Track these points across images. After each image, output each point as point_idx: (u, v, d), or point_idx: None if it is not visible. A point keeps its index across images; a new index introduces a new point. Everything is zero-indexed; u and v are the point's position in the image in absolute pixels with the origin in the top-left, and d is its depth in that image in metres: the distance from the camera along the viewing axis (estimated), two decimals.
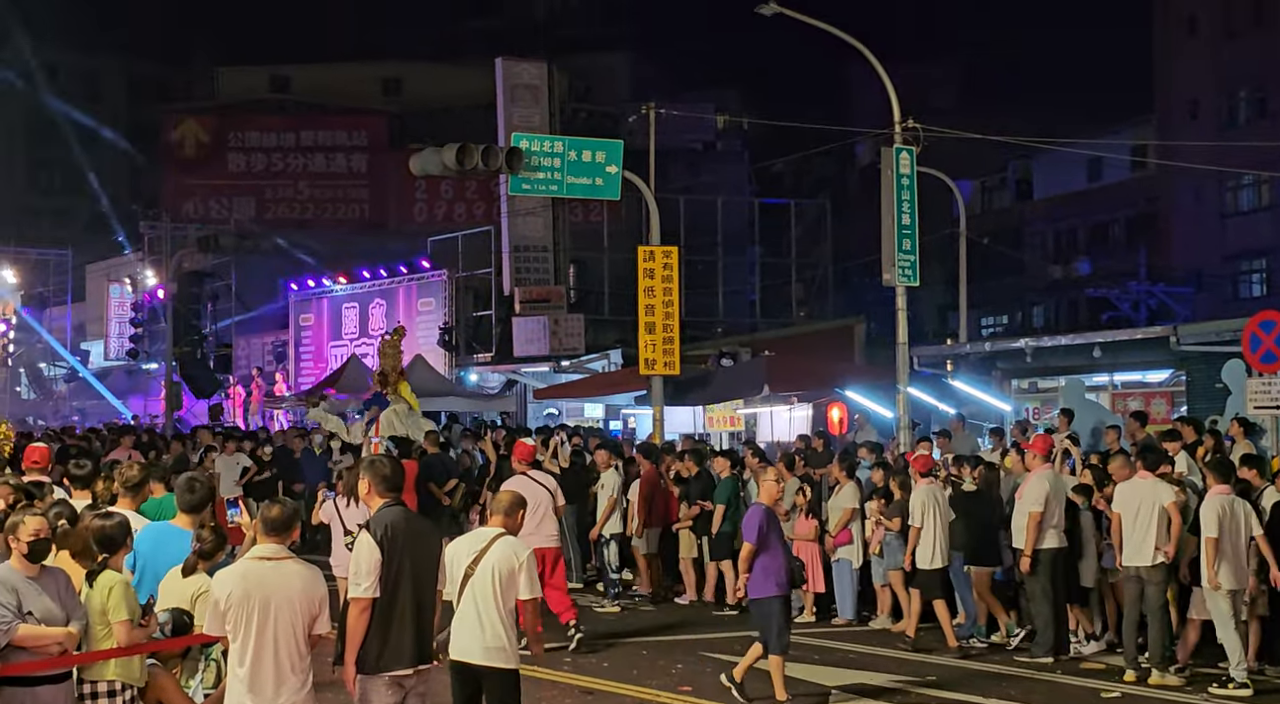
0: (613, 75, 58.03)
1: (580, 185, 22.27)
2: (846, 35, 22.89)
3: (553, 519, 14.70)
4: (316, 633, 7.66)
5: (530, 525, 13.91)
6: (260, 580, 7.55)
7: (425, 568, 8.12)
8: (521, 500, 9.13)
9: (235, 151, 57.27)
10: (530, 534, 13.87)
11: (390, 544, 7.95)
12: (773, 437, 26.66)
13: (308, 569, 7.76)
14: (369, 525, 8.07)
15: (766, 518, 11.94)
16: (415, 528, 8.24)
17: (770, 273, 45.30)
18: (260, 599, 7.51)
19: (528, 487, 14.14)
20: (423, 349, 35.93)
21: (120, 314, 48.39)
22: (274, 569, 7.61)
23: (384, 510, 8.15)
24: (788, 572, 12.01)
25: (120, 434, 26.38)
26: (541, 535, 14.24)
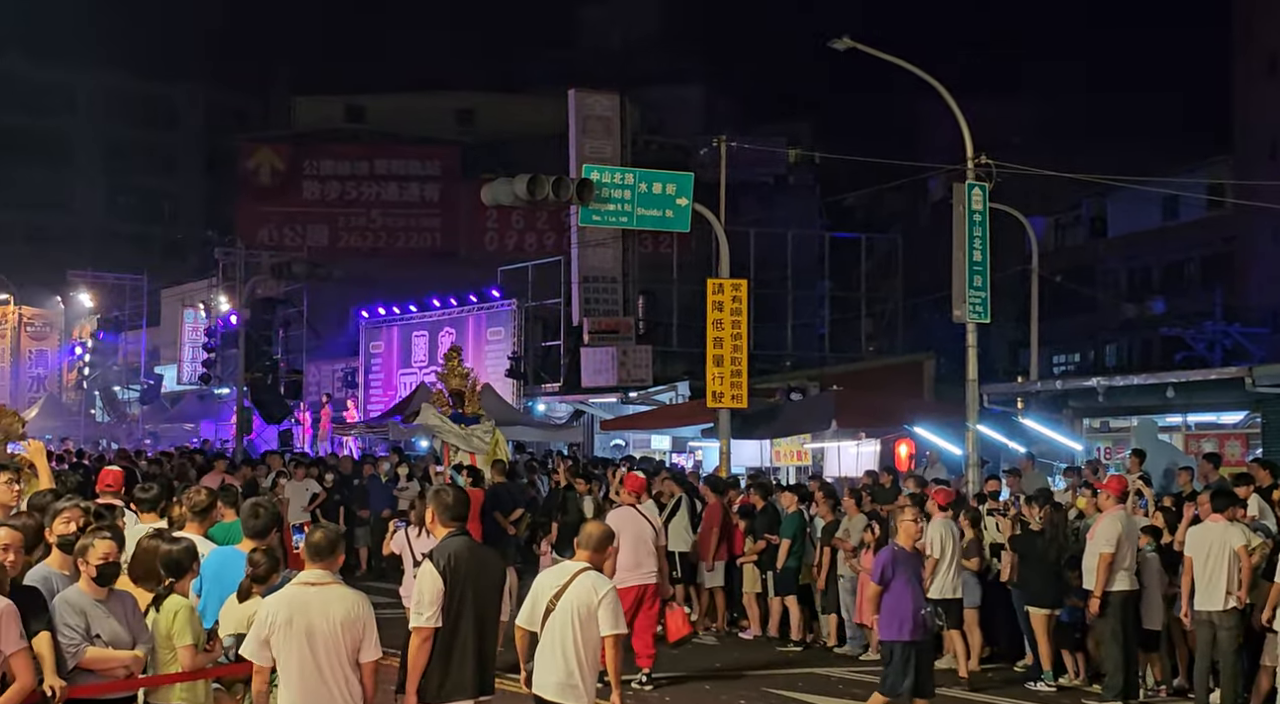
0: (685, 108, 58.18)
1: (650, 217, 22.26)
2: (920, 70, 22.79)
3: (653, 555, 14.24)
4: (371, 659, 7.62)
5: (631, 560, 13.83)
6: (304, 605, 7.54)
7: (488, 598, 8.11)
8: (611, 536, 9.02)
9: (310, 179, 57.86)
10: (631, 570, 13.78)
11: (453, 574, 7.94)
12: (840, 472, 26.50)
13: (352, 594, 7.73)
14: (432, 555, 8.06)
15: (895, 559, 11.60)
16: (479, 558, 8.22)
17: (840, 307, 45.12)
18: (303, 623, 7.50)
19: (634, 520, 14.00)
20: (491, 378, 36.01)
21: (194, 339, 48.88)
22: (318, 594, 7.59)
23: (447, 540, 8.15)
24: (917, 617, 11.54)
25: (215, 458, 26.62)
26: (642, 571, 13.94)
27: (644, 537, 14.06)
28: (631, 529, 13.94)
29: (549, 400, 36.85)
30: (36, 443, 11.88)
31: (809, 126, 58.53)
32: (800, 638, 17.19)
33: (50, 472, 10.99)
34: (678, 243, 39.54)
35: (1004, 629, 15.65)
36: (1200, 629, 13.03)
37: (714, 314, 23.07)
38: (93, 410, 55.72)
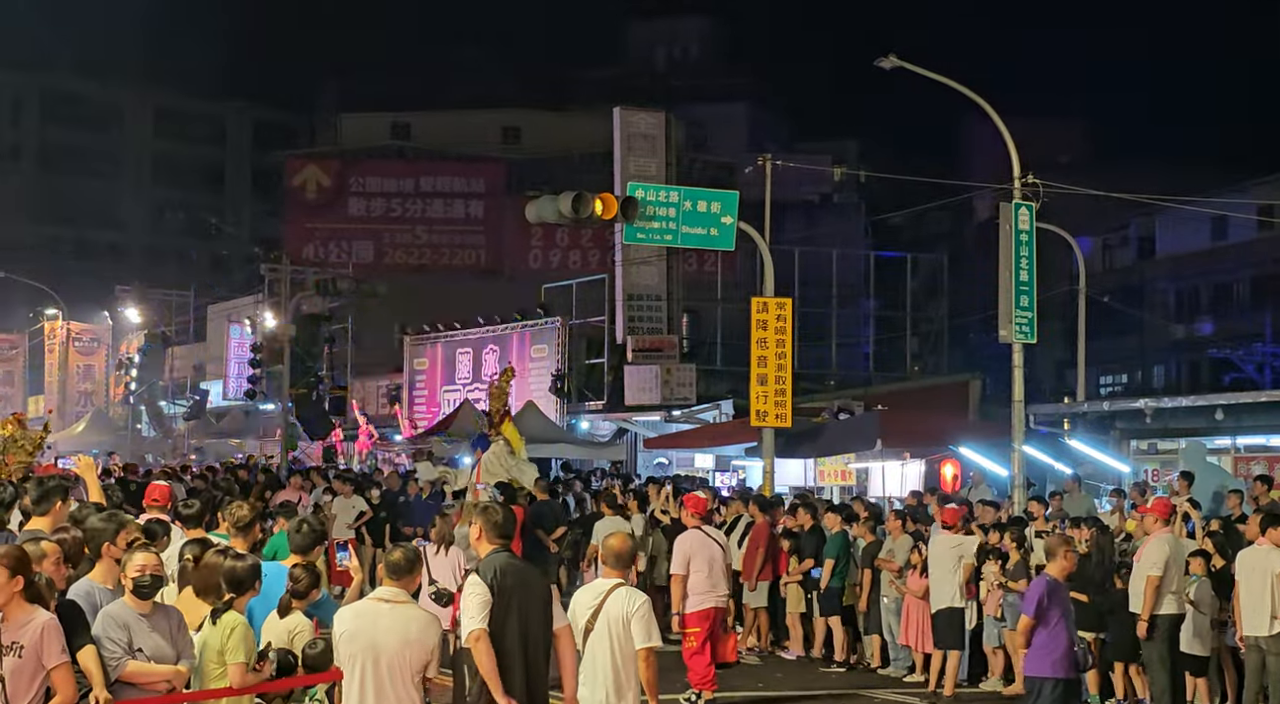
0: (730, 126, 58.21)
1: (695, 235, 22.23)
2: (966, 89, 22.69)
3: (725, 577, 14.00)
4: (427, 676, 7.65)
5: (707, 583, 13.68)
6: (374, 621, 7.61)
7: (534, 613, 8.08)
8: (634, 549, 9.00)
9: (355, 196, 58.15)
10: (707, 592, 13.64)
11: (500, 589, 7.93)
12: (884, 492, 26.34)
13: (423, 614, 7.78)
14: (479, 570, 8.04)
15: (1050, 591, 11.01)
16: (523, 574, 8.21)
17: (885, 326, 44.99)
18: (369, 639, 7.54)
19: (704, 543, 13.87)
20: (534, 396, 36.04)
21: (239, 355, 49.12)
22: (389, 611, 7.65)
23: (493, 556, 8.14)
24: (1071, 653, 10.96)
25: (292, 474, 26.73)
26: (715, 594, 13.72)
27: (716, 558, 13.85)
28: (704, 551, 13.81)
29: (592, 418, 36.82)
30: (86, 458, 11.97)
31: (855, 145, 58.52)
32: (844, 659, 17.08)
33: (99, 486, 11.03)
34: (722, 261, 39.54)
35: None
36: (1250, 654, 12.88)
37: (758, 333, 23.01)
38: (139, 425, 56.04)
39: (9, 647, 7.09)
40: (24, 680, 7.05)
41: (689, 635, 13.76)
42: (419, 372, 43.08)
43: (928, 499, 20.40)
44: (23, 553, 7.32)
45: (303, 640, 8.24)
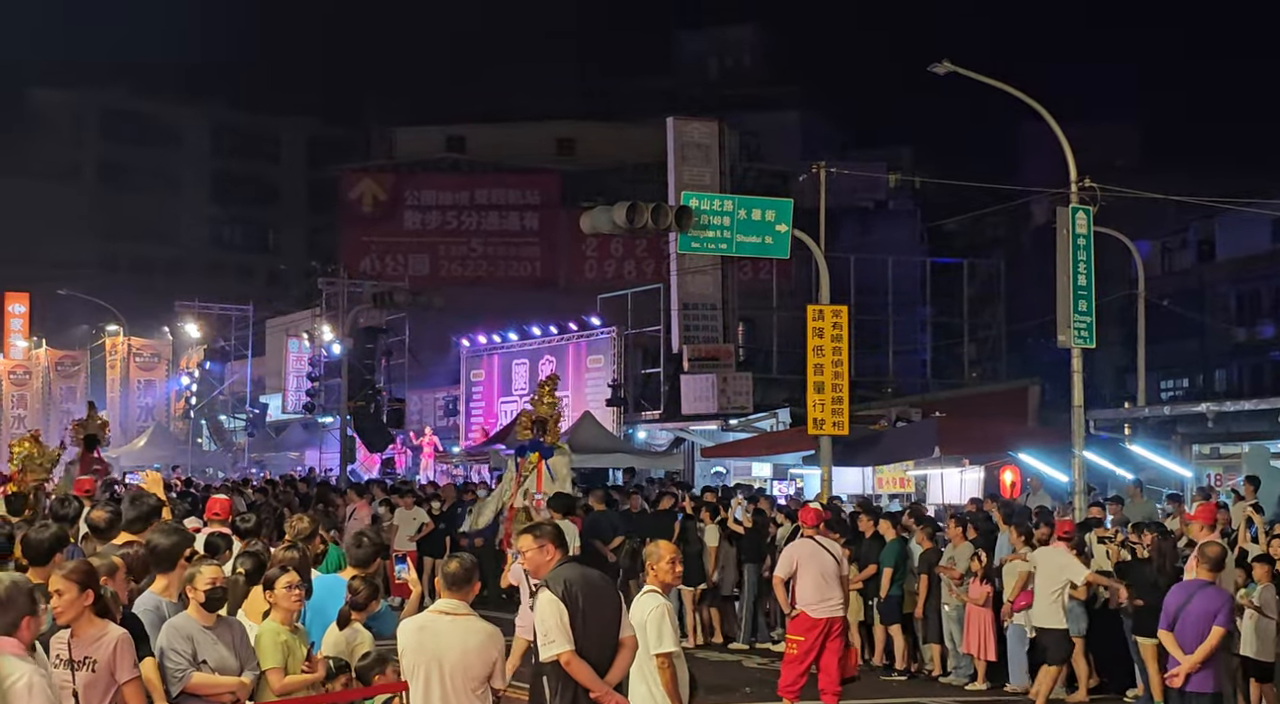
0: (784, 134, 58.14)
1: (750, 244, 22.20)
2: (1022, 94, 22.59)
3: (839, 588, 13.82)
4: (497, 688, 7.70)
5: (815, 594, 13.58)
6: (436, 633, 7.63)
7: (605, 622, 8.06)
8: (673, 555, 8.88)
9: (411, 210, 58.48)
10: (815, 603, 13.54)
11: (570, 600, 7.93)
12: (943, 499, 26.20)
13: (485, 626, 7.79)
14: (548, 583, 8.05)
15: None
16: (593, 583, 8.18)
17: (942, 333, 44.75)
18: (432, 651, 7.57)
19: (813, 552, 13.77)
20: (591, 406, 36.09)
21: (298, 368, 49.48)
22: (451, 624, 7.67)
23: (560, 567, 8.14)
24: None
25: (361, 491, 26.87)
26: (828, 604, 13.59)
27: (827, 569, 13.71)
28: (814, 561, 13.73)
29: (649, 428, 36.82)
30: (154, 473, 12.12)
31: (909, 151, 58.30)
32: (905, 667, 17.01)
33: (167, 500, 11.15)
34: (777, 269, 39.42)
35: (1115, 659, 15.36)
36: None
37: (814, 341, 22.94)
38: (199, 439, 56.54)
39: (81, 661, 7.15)
40: (96, 695, 7.12)
41: (790, 642, 13.78)
42: (476, 383, 43.24)
43: (988, 506, 20.28)
44: (91, 568, 7.40)
45: (362, 653, 8.30)
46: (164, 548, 8.51)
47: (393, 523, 23.66)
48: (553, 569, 8.15)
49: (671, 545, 8.96)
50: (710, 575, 19.56)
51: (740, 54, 72.80)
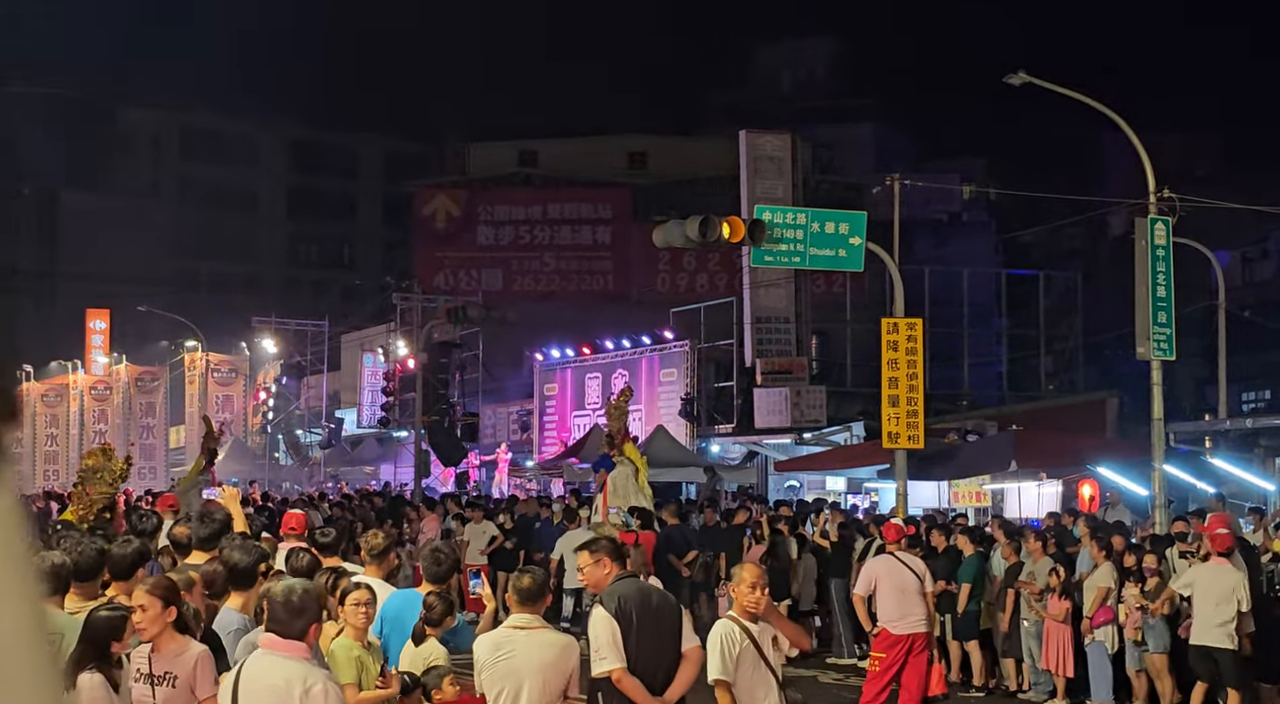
0: (857, 146, 57.95)
1: (823, 257, 22.09)
2: (1098, 103, 22.37)
3: (921, 603, 13.73)
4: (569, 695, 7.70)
5: (896, 611, 13.52)
6: (512, 649, 7.64)
7: (663, 638, 8.01)
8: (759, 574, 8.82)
9: (484, 225, 58.75)
10: (896, 620, 13.47)
11: (623, 616, 7.89)
12: (1020, 513, 25.96)
13: (560, 638, 7.83)
14: (602, 599, 8.02)
15: None
16: (649, 599, 8.14)
17: (1018, 345, 44.34)
18: (509, 666, 7.59)
19: (892, 569, 13.74)
20: (664, 419, 36.07)
21: (373, 383, 49.78)
22: (527, 638, 7.68)
23: (616, 583, 8.10)
24: None
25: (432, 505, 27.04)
26: (909, 621, 13.52)
27: (908, 585, 13.66)
28: (893, 577, 13.68)
29: (722, 441, 36.76)
30: (230, 489, 12.20)
31: (984, 162, 57.92)
32: (983, 683, 16.84)
33: (243, 516, 11.23)
34: (851, 282, 39.25)
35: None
36: None
37: (889, 354, 22.80)
38: (276, 454, 57.03)
39: (161, 677, 7.20)
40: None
41: (872, 659, 13.73)
42: (549, 397, 43.34)
43: (1067, 520, 20.07)
44: (173, 583, 7.46)
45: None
46: (243, 565, 8.56)
47: (463, 537, 23.75)
48: (609, 585, 8.11)
49: (754, 568, 8.66)
50: (792, 589, 19.49)
51: (813, 66, 72.65)
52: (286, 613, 6.39)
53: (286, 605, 6.40)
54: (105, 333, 68.71)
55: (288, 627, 6.38)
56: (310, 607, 6.48)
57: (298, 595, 6.46)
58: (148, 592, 7.24)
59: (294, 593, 6.48)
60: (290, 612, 6.39)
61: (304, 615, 6.42)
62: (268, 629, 6.50)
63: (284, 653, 6.37)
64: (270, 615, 6.48)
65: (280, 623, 6.40)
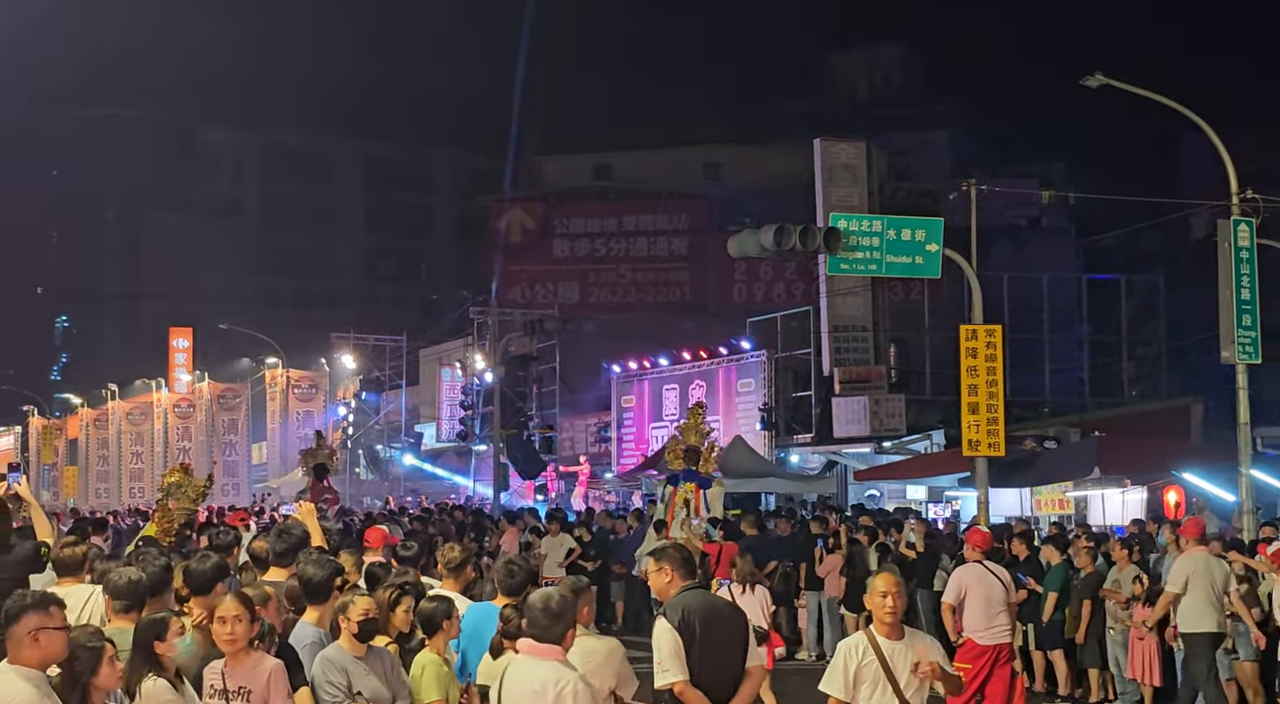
0: (932, 152, 57.50)
1: (900, 264, 21.93)
2: (1178, 104, 22.07)
3: (1007, 614, 13.60)
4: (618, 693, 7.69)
5: (982, 620, 13.37)
6: None
7: (728, 650, 7.89)
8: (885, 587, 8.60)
9: (560, 238, 58.94)
10: (982, 630, 13.32)
11: (686, 629, 7.77)
12: (1104, 520, 25.65)
13: (604, 642, 7.83)
14: (666, 611, 7.93)
15: None
16: (715, 610, 8.03)
17: (1099, 351, 43.77)
18: None
19: (981, 577, 13.60)
20: (742, 430, 35.96)
21: (451, 397, 50.00)
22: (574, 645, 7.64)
23: (682, 594, 8.00)
24: None
25: (512, 519, 27.13)
26: (994, 631, 13.37)
27: (994, 595, 13.50)
28: (981, 586, 13.52)
29: (801, 451, 36.59)
30: (307, 504, 12.26)
31: (1063, 166, 57.26)
32: (1068, 693, 16.60)
33: (320, 531, 11.27)
34: (929, 289, 38.92)
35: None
36: None
37: (968, 361, 22.59)
38: (356, 469, 57.41)
39: (236, 691, 7.23)
40: None
41: (956, 669, 13.53)
42: (627, 409, 43.33)
43: (1151, 527, 19.79)
44: (249, 598, 7.51)
45: None
46: (318, 579, 8.58)
47: (540, 550, 23.78)
48: (674, 596, 8.01)
49: (889, 576, 8.34)
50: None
51: (887, 73, 72.27)
52: (546, 618, 6.70)
53: (546, 611, 6.70)
54: (188, 351, 69.62)
55: (547, 631, 6.69)
56: (567, 612, 6.76)
57: (555, 601, 6.76)
58: (240, 604, 7.30)
59: (552, 599, 6.78)
60: (549, 617, 6.70)
61: (561, 620, 6.71)
62: (527, 634, 6.78)
63: (541, 656, 6.68)
64: (530, 621, 6.75)
65: (540, 628, 6.70)
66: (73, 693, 6.32)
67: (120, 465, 67.63)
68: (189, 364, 68.93)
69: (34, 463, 75.39)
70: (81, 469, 71.59)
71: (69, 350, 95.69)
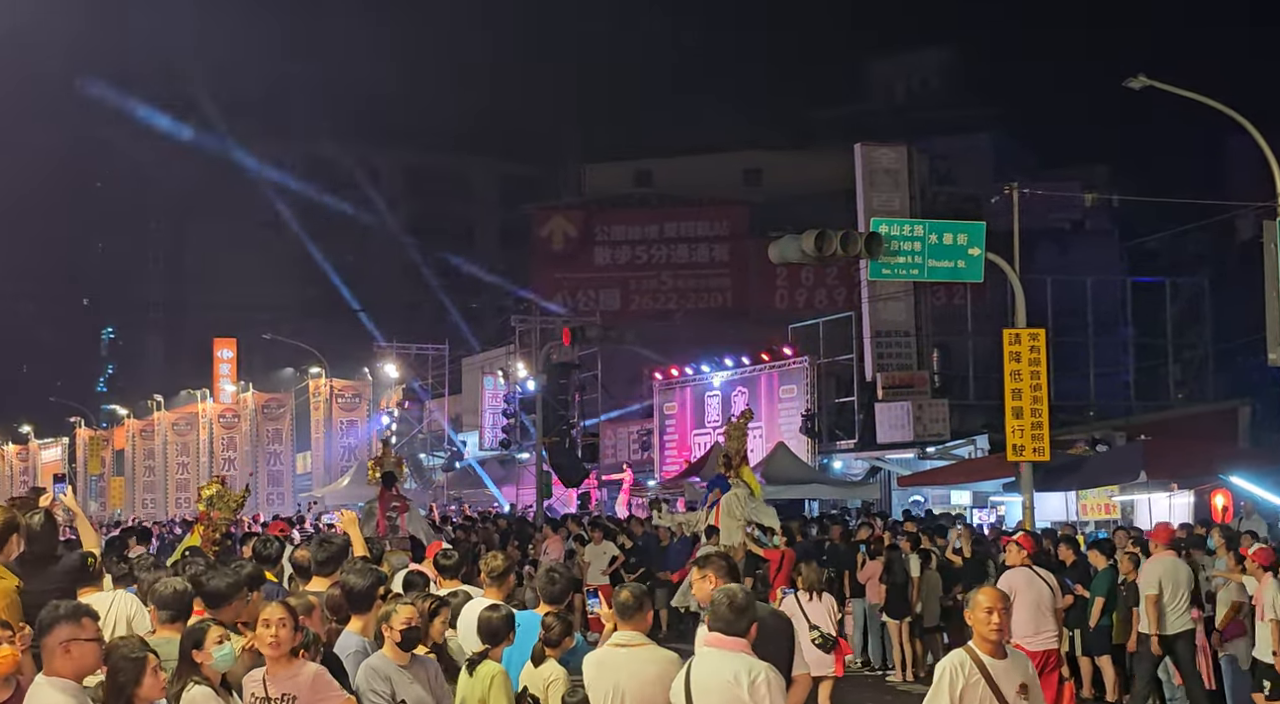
0: (974, 156, 57.23)
1: (942, 269, 21.79)
2: (1222, 105, 21.90)
3: (1054, 620, 13.64)
4: None
5: (1030, 626, 13.30)
6: (614, 666, 7.62)
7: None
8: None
9: (601, 245, 58.97)
10: (1030, 636, 13.20)
11: None
12: (1151, 525, 25.43)
13: (663, 654, 7.74)
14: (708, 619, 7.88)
15: None
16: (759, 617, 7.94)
17: (1144, 354, 43.47)
18: (612, 684, 7.57)
19: (1029, 582, 13.55)
20: (785, 436, 35.88)
21: (494, 406, 50.08)
22: (629, 655, 7.65)
23: None
24: None
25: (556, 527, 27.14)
26: (1042, 636, 13.39)
27: (1042, 600, 13.48)
28: (1029, 591, 13.45)
29: (844, 457, 36.48)
30: (349, 513, 12.31)
31: (1106, 169, 56.97)
32: (1116, 698, 16.46)
33: (362, 540, 11.29)
34: (971, 293, 38.77)
35: None
36: None
37: (1012, 365, 22.45)
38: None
39: (280, 699, 7.24)
40: None
41: None
42: (669, 416, 43.30)
43: (1200, 531, 19.62)
44: (293, 607, 7.54)
45: (558, 689, 8.25)
46: (360, 588, 8.59)
47: (584, 558, 23.77)
48: None
49: (992, 591, 7.78)
50: (913, 606, 19.24)
51: (927, 77, 72.06)
52: (732, 613, 6.90)
53: (732, 606, 6.92)
54: (232, 361, 69.99)
55: (733, 625, 6.90)
56: (751, 607, 6.97)
57: (740, 597, 6.98)
58: (286, 610, 7.32)
59: (736, 595, 7.00)
60: (735, 611, 6.90)
61: (746, 615, 6.92)
62: (712, 629, 6.95)
63: (730, 649, 6.88)
64: (716, 616, 6.94)
65: (726, 622, 6.91)
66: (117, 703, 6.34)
67: (166, 476, 68.07)
68: (233, 374, 69.30)
69: (81, 474, 75.97)
70: (128, 480, 72.10)
71: (115, 362, 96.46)
